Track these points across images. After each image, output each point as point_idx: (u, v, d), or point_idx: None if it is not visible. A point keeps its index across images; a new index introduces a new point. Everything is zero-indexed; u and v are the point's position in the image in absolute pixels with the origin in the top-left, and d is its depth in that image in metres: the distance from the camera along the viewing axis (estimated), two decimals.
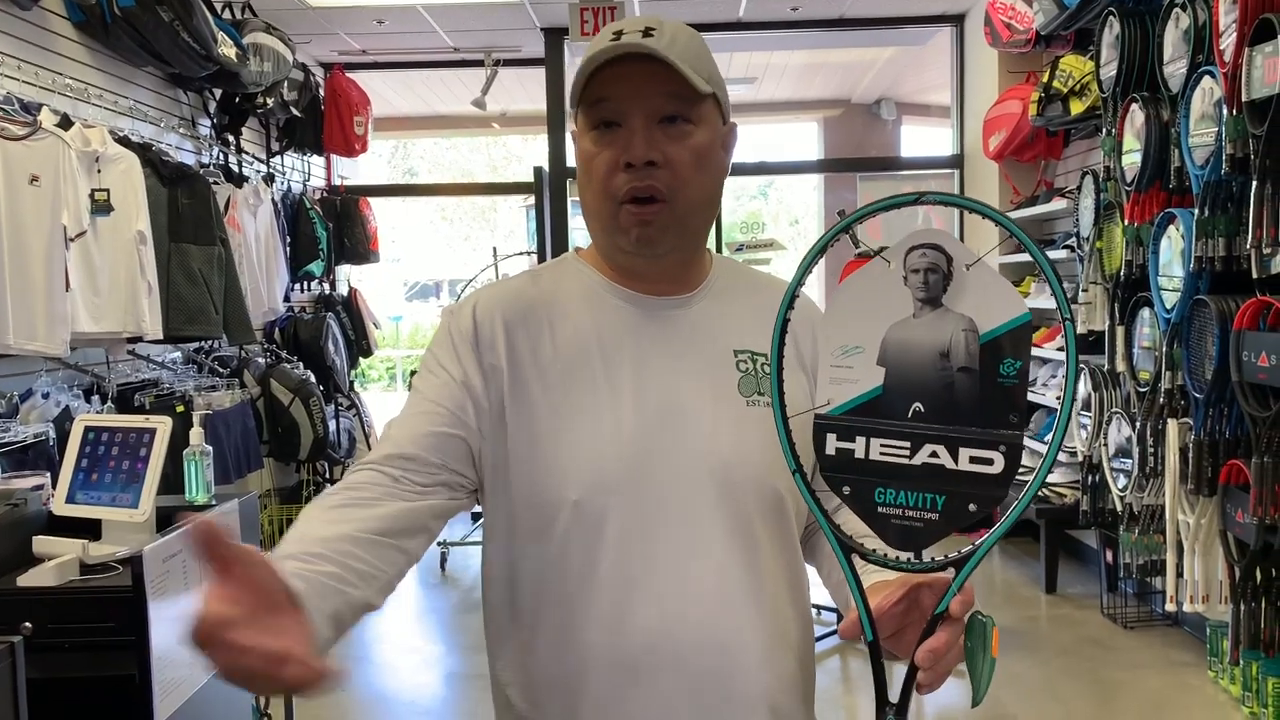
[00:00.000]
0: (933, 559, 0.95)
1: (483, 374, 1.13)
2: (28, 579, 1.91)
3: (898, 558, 0.95)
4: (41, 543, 2.02)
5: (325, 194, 6.75)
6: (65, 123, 3.38)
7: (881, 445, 0.93)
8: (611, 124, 1.11)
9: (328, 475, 6.21)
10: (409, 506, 1.05)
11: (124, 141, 3.76)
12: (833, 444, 0.95)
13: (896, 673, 0.96)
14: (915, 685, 0.94)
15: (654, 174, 1.10)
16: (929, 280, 0.92)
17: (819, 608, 3.83)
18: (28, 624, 1.81)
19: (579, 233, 6.55)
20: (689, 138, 1.11)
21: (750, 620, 1.12)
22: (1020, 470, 0.91)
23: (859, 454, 0.94)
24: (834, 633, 3.75)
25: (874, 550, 0.95)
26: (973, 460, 0.91)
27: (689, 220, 1.15)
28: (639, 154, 1.09)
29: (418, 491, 1.07)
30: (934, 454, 0.92)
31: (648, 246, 1.13)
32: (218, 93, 5.06)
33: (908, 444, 0.92)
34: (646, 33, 1.09)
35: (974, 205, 0.95)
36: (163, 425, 2.05)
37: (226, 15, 4.86)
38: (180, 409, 4.03)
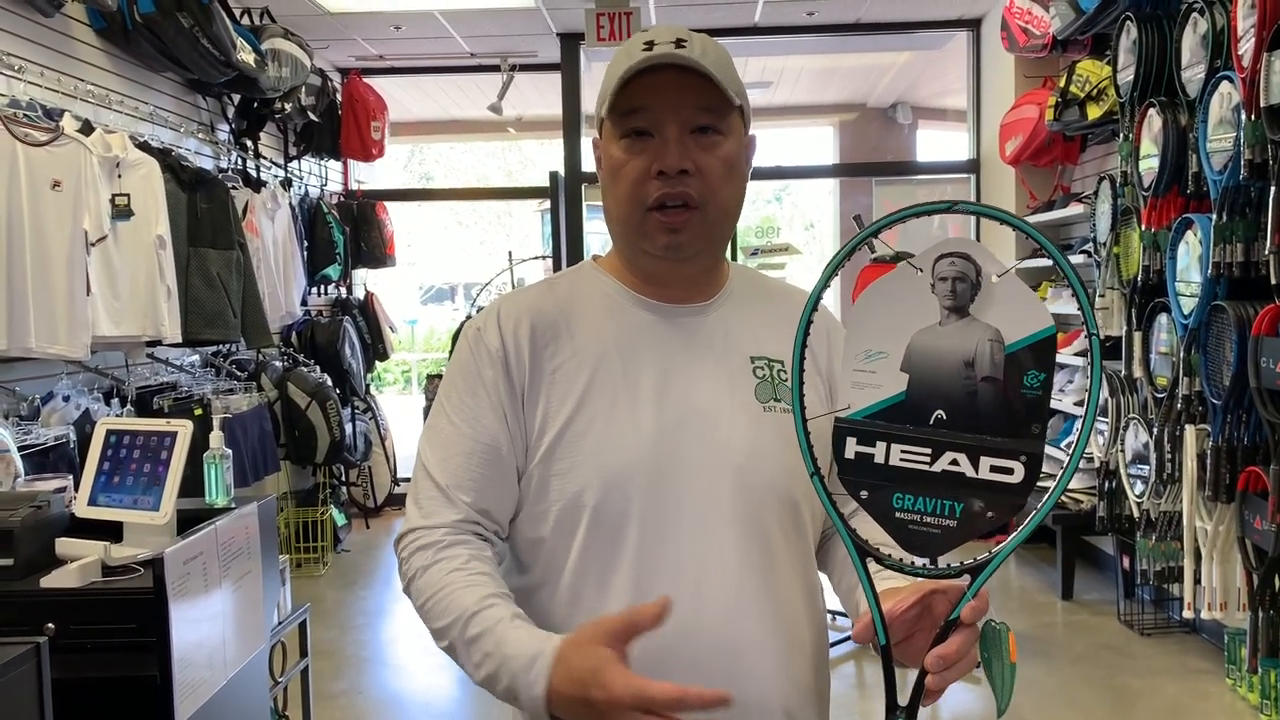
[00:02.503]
0: (949, 565, 0.95)
1: (515, 395, 1.16)
2: (51, 580, 1.93)
3: (913, 563, 0.95)
4: (64, 544, 2.04)
5: (342, 198, 6.78)
6: (87, 128, 3.41)
7: (902, 451, 0.94)
8: (643, 133, 1.12)
9: (343, 478, 6.24)
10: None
11: (144, 147, 3.79)
12: (852, 448, 0.95)
13: (909, 677, 0.96)
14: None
15: (686, 182, 1.12)
16: (957, 289, 0.93)
17: (834, 613, 3.83)
18: (51, 625, 1.83)
19: (594, 237, 6.55)
20: (719, 147, 1.13)
21: (764, 625, 1.12)
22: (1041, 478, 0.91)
23: (879, 459, 0.94)
24: (849, 638, 3.74)
25: (889, 555, 0.96)
26: (994, 469, 0.91)
27: (719, 227, 1.17)
28: (673, 163, 1.11)
29: (499, 540, 1.19)
30: (954, 462, 0.92)
31: (676, 251, 1.15)
32: (236, 98, 5.09)
33: (929, 450, 0.93)
34: (679, 44, 1.10)
35: (1006, 217, 0.95)
36: (184, 429, 2.06)
37: (245, 21, 4.89)
38: (198, 412, 4.06)
